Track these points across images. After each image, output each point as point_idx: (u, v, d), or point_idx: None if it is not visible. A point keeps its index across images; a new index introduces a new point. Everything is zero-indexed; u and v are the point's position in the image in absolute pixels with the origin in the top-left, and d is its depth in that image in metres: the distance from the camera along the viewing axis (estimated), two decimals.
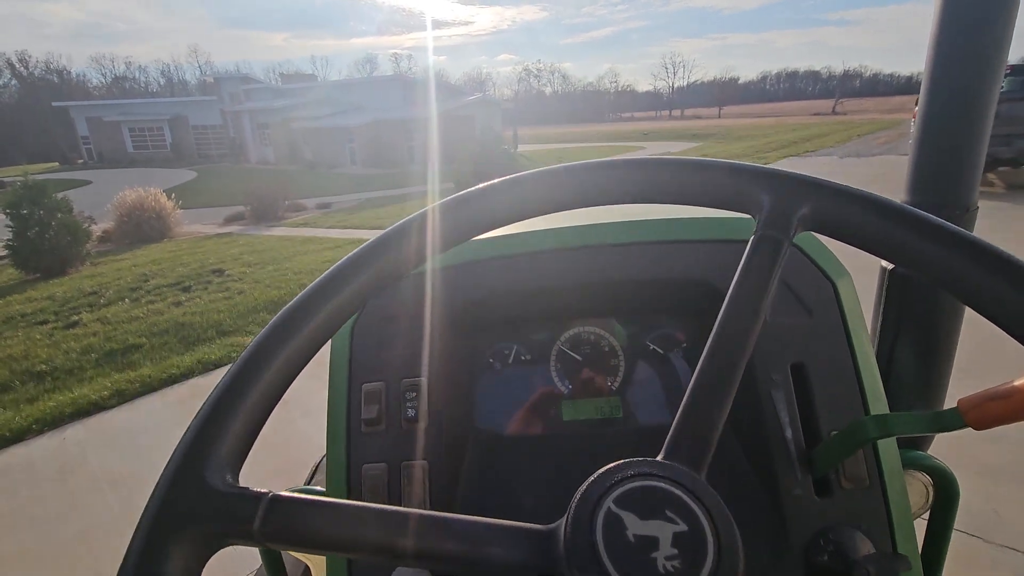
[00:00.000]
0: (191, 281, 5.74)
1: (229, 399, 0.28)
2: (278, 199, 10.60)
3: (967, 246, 0.25)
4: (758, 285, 0.27)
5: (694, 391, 0.25)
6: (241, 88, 32.05)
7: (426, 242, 0.33)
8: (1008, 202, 7.03)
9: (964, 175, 0.65)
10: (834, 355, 0.49)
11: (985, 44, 0.58)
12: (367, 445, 0.50)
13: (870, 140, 19.33)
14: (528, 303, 0.56)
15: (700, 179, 0.31)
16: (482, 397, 0.57)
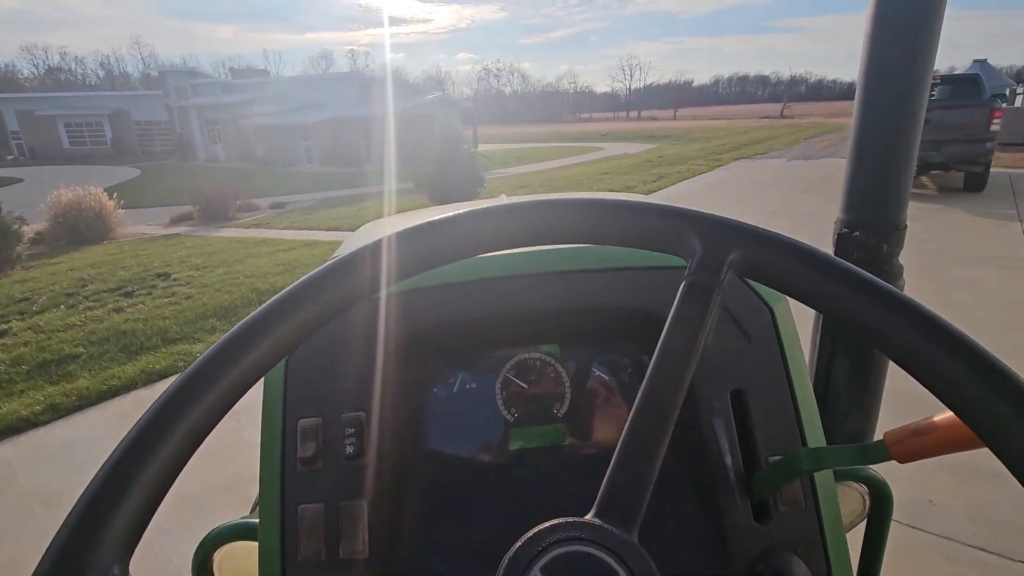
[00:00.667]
0: (134, 285, 5.44)
1: (126, 468, 0.25)
2: (229, 198, 10.20)
3: (889, 300, 0.25)
4: (689, 335, 0.27)
5: (625, 445, 0.25)
6: (188, 83, 30.67)
7: (353, 286, 0.30)
8: (940, 203, 7.50)
9: (894, 196, 0.70)
10: (772, 381, 0.50)
11: (909, 82, 0.62)
12: (303, 485, 0.47)
13: (815, 143, 20.27)
14: (473, 331, 0.55)
15: (634, 221, 0.31)
16: (427, 429, 0.55)
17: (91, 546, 0.23)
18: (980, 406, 0.22)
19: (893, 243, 0.70)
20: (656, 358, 0.26)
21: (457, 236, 0.31)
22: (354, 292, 0.30)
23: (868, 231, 0.70)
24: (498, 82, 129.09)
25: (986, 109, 7.50)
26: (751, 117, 58.41)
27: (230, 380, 0.28)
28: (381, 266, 0.31)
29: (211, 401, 0.28)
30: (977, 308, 3.86)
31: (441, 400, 0.56)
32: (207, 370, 0.28)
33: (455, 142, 9.25)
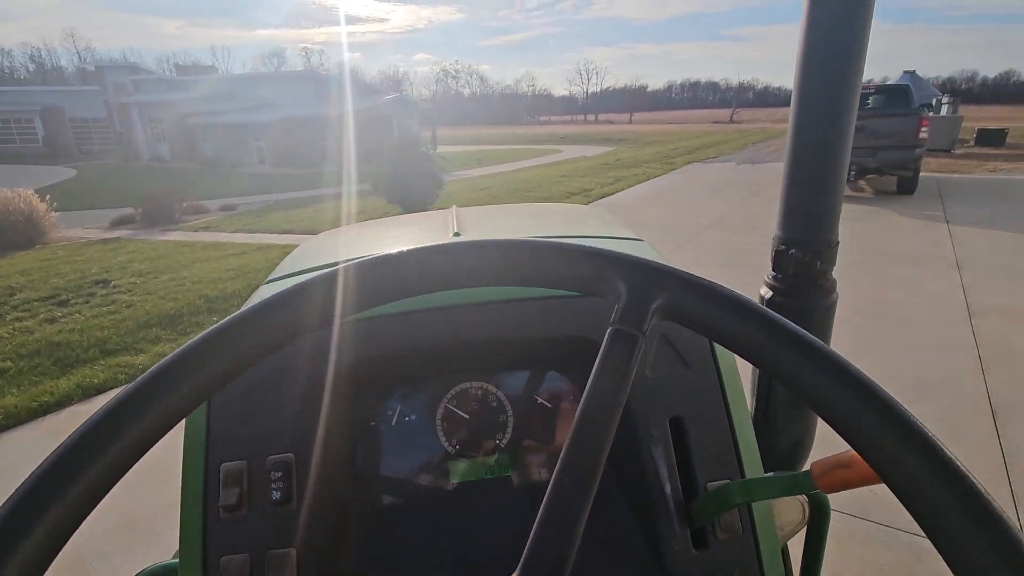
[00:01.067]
0: (69, 294, 5.12)
1: (29, 506, 0.23)
2: (175, 200, 9.74)
3: (808, 351, 0.26)
4: (614, 384, 0.26)
5: (551, 502, 0.24)
6: (129, 78, 29.11)
7: (278, 329, 0.29)
8: (876, 206, 7.96)
9: (826, 215, 0.74)
10: (710, 408, 0.51)
11: (838, 108, 0.66)
12: (226, 534, 0.44)
13: (762, 148, 21.12)
14: (410, 363, 0.53)
15: (561, 264, 0.31)
16: (363, 466, 0.53)
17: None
18: (879, 452, 0.23)
19: (826, 259, 0.74)
20: (581, 409, 0.26)
21: (378, 280, 0.30)
22: (281, 334, 0.29)
23: (802, 248, 0.73)
24: (457, 84, 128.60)
25: (915, 118, 8.02)
26: (703, 122, 60.36)
27: (150, 419, 0.26)
28: (305, 308, 0.29)
29: (130, 440, 0.26)
30: (908, 305, 4.11)
31: (379, 435, 0.54)
32: (126, 407, 0.26)
33: (413, 143, 9.15)
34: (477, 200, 10.29)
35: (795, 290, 0.76)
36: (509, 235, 0.76)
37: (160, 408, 0.26)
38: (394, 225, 0.95)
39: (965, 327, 3.67)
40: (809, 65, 0.68)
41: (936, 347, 3.39)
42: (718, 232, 6.80)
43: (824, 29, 0.66)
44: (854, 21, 0.64)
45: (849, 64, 0.65)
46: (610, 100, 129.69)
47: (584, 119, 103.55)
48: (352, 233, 0.96)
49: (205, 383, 0.27)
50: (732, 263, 5.35)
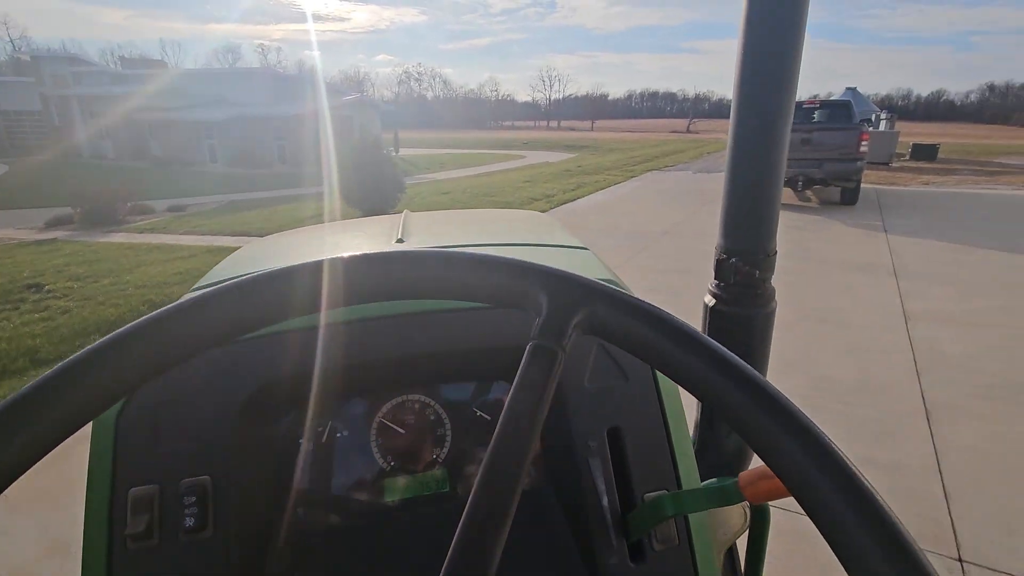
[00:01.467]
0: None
1: None
2: (118, 200, 9.25)
3: (727, 368, 0.26)
4: (533, 401, 0.26)
5: (467, 527, 0.23)
6: (68, 70, 27.54)
7: (191, 334, 0.27)
8: (821, 215, 8.35)
9: (764, 226, 0.76)
10: (648, 419, 0.51)
11: (773, 125, 0.69)
12: (134, 566, 0.41)
13: (717, 157, 21.87)
14: (341, 376, 0.51)
15: (482, 276, 0.30)
16: (289, 487, 0.51)
17: None
18: (783, 461, 0.23)
19: (764, 268, 0.76)
20: (499, 425, 0.25)
21: (301, 289, 0.29)
22: (191, 342, 0.27)
23: (743, 258, 0.76)
24: (419, 86, 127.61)
25: (856, 132, 8.48)
26: (661, 131, 62.04)
27: (50, 422, 0.23)
28: (220, 315, 0.27)
29: (20, 445, 0.23)
30: (851, 311, 4.32)
31: (308, 453, 0.51)
32: (21, 407, 0.23)
33: (375, 146, 9.00)
34: (439, 204, 10.22)
35: (736, 298, 0.78)
36: (453, 243, 0.75)
37: (64, 407, 0.23)
38: (340, 230, 0.93)
39: (902, 332, 3.89)
40: (745, 83, 0.70)
41: (877, 351, 3.58)
42: (673, 239, 6.98)
43: (758, 48, 0.68)
44: (787, 39, 0.66)
45: (782, 81, 0.68)
46: (572, 107, 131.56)
47: (547, 125, 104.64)
48: (294, 237, 0.93)
49: (113, 384, 0.25)
50: (685, 269, 5.49)
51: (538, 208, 9.41)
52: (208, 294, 0.27)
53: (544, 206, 9.70)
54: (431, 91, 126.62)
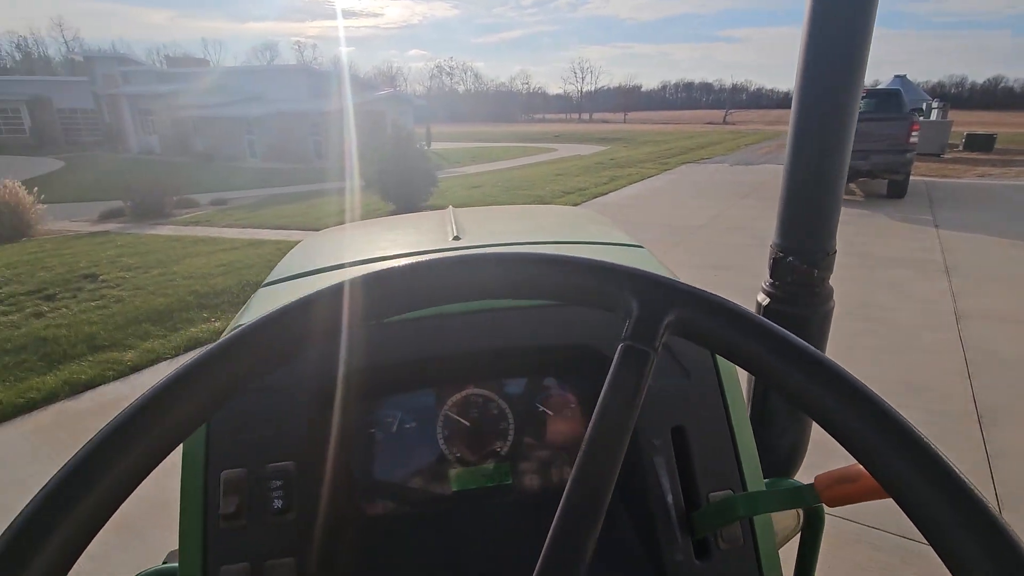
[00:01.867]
0: (56, 288, 5.05)
1: (46, 515, 0.22)
2: (165, 194, 9.64)
3: (819, 370, 0.26)
4: (625, 401, 0.26)
5: (562, 519, 0.24)
6: (118, 69, 28.72)
7: (287, 341, 0.28)
8: (867, 208, 8.04)
9: (824, 224, 0.74)
10: (711, 418, 0.51)
11: (837, 117, 0.67)
12: (226, 543, 0.44)
13: (755, 149, 21.25)
14: (411, 370, 0.53)
15: (572, 278, 0.31)
16: (363, 473, 0.53)
17: None
18: (889, 469, 0.24)
19: (823, 267, 0.74)
20: (592, 426, 0.26)
21: (392, 291, 0.30)
22: (290, 346, 0.28)
23: (800, 256, 0.74)
24: (451, 80, 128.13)
25: (906, 122, 8.10)
26: (696, 122, 60.60)
27: (163, 429, 0.26)
28: (315, 320, 0.29)
29: (145, 448, 0.25)
30: (898, 308, 4.16)
31: (378, 443, 0.54)
32: (141, 416, 0.25)
33: (408, 140, 9.10)
34: (470, 197, 10.27)
35: (792, 297, 0.76)
36: (509, 240, 0.76)
37: (166, 423, 0.25)
38: (391, 226, 0.94)
39: (952, 331, 3.72)
40: (809, 77, 0.68)
41: (923, 351, 3.44)
42: (709, 233, 6.83)
43: (824, 36, 0.67)
44: (855, 34, 0.64)
45: (849, 76, 0.66)
46: (604, 99, 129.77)
47: (579, 118, 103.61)
48: (349, 234, 0.95)
49: (215, 394, 0.27)
50: (722, 265, 5.38)
51: (570, 202, 9.36)
52: (325, 291, 0.29)
53: (576, 199, 9.64)
54: (462, 85, 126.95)
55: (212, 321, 4.15)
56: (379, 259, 0.70)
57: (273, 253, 6.13)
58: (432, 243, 0.74)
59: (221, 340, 0.28)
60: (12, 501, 2.26)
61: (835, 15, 0.65)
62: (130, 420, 0.25)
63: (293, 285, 0.66)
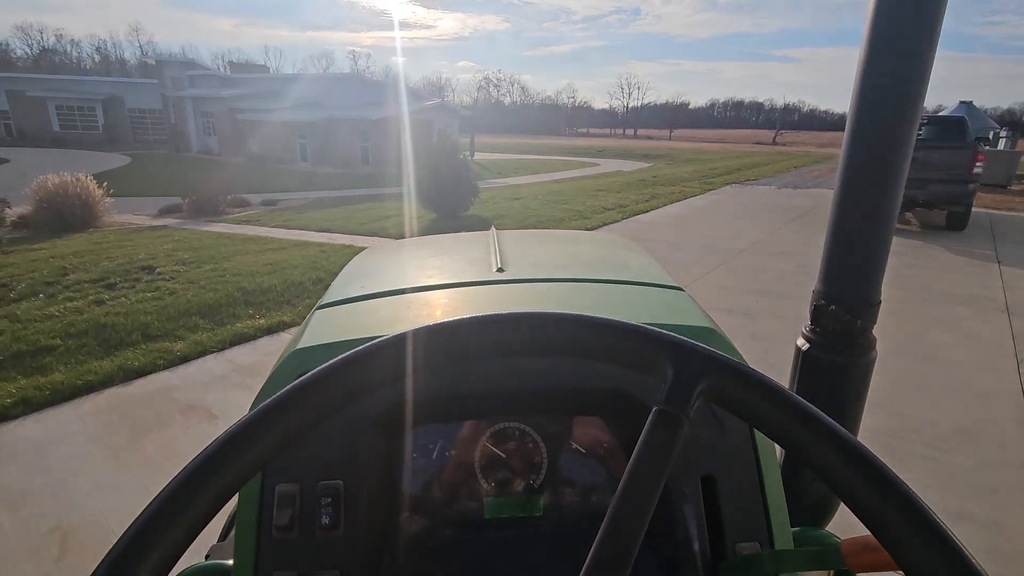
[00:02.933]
0: (117, 277, 5.36)
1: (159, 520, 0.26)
2: (220, 193, 10.11)
3: (850, 453, 0.27)
4: (656, 462, 0.27)
5: (591, 572, 0.25)
6: (185, 73, 30.43)
7: (353, 384, 0.31)
8: (922, 240, 7.67)
9: (871, 273, 0.72)
10: (742, 469, 0.51)
11: (889, 165, 0.65)
12: (278, 553, 0.47)
13: (805, 172, 20.63)
14: (454, 404, 0.55)
15: (610, 340, 0.32)
16: (403, 496, 0.56)
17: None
18: (915, 564, 0.24)
19: (867, 318, 0.72)
20: (623, 484, 0.27)
21: (446, 344, 0.32)
22: (352, 393, 0.31)
23: (844, 306, 0.72)
24: (498, 92, 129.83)
25: (970, 152, 7.71)
26: (744, 142, 59.30)
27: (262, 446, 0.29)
28: (374, 369, 0.31)
29: (246, 461, 0.28)
30: (953, 347, 3.95)
31: (420, 468, 0.56)
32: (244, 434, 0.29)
33: (452, 149, 9.26)
34: (510, 209, 10.35)
35: (833, 345, 0.74)
36: (551, 275, 0.78)
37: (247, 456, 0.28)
38: (437, 250, 0.98)
39: (1012, 374, 3.50)
40: (863, 111, 0.67)
41: (979, 394, 3.25)
42: (751, 257, 6.67)
43: (882, 75, 0.65)
44: (914, 66, 0.63)
45: (906, 111, 0.64)
46: (650, 115, 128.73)
47: (623, 133, 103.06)
48: (397, 255, 0.99)
49: (292, 430, 0.29)
50: (763, 290, 5.23)
51: (610, 219, 9.30)
52: (384, 343, 0.32)
53: (616, 216, 9.58)
54: (509, 97, 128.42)
55: (257, 318, 4.32)
56: (429, 287, 0.73)
57: (316, 255, 6.33)
58: (477, 273, 0.77)
59: (297, 383, 0.30)
60: (67, 477, 2.41)
61: (895, 41, 0.63)
62: (219, 451, 0.28)
63: (350, 308, 0.70)
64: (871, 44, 0.66)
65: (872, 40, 0.66)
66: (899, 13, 0.61)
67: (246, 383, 3.28)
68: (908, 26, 0.62)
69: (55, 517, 2.16)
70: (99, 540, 2.04)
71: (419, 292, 0.72)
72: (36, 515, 2.17)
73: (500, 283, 0.73)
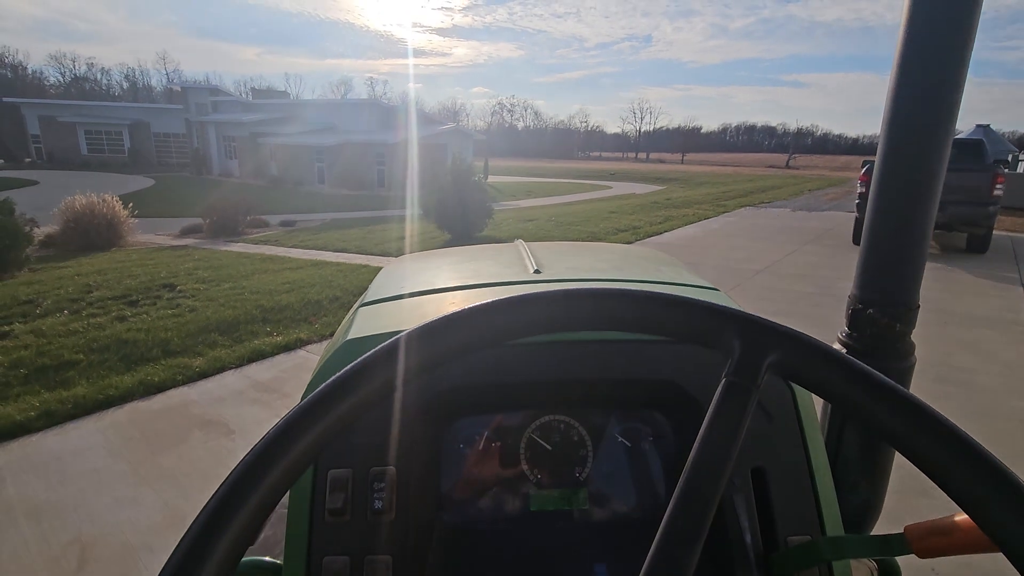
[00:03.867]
0: (139, 295, 5.47)
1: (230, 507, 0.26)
2: (240, 213, 10.32)
3: (920, 416, 0.26)
4: (727, 433, 0.27)
5: (663, 542, 0.25)
6: (209, 99, 31.42)
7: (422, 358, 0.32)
8: (943, 263, 7.56)
9: (909, 276, 0.71)
10: (791, 460, 0.51)
11: (927, 165, 0.65)
12: (330, 536, 0.48)
13: (819, 195, 20.53)
14: (501, 394, 0.56)
15: (677, 315, 0.32)
16: (450, 485, 0.56)
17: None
18: (996, 517, 0.24)
19: (906, 322, 0.71)
20: (694, 454, 0.27)
21: (502, 321, 0.33)
22: (426, 362, 0.32)
23: (882, 309, 0.71)
24: (511, 117, 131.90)
25: (990, 174, 7.64)
26: (757, 165, 59.32)
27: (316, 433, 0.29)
28: (438, 346, 0.32)
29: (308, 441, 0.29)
30: (978, 371, 3.85)
31: (465, 456, 0.57)
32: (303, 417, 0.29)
33: (466, 172, 9.39)
34: (523, 231, 10.41)
35: (871, 350, 0.73)
36: (588, 276, 0.79)
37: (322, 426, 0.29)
38: (468, 257, 0.99)
39: None
40: (897, 119, 0.67)
41: (1007, 418, 3.15)
42: (768, 279, 6.61)
43: (916, 83, 0.66)
44: (945, 79, 0.64)
45: (940, 116, 0.64)
46: (662, 139, 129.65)
47: (635, 156, 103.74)
48: (430, 261, 1.00)
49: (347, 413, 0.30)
50: (783, 312, 5.17)
51: (623, 240, 9.31)
52: (453, 317, 0.33)
53: (629, 238, 9.58)
54: (522, 121, 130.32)
55: (274, 335, 4.36)
56: (468, 286, 0.74)
57: (333, 274, 6.40)
58: (514, 275, 0.77)
59: (364, 358, 0.31)
60: (86, 486, 2.43)
61: (927, 59, 0.65)
62: (274, 441, 0.28)
63: (393, 305, 0.71)
64: (907, 40, 0.67)
65: (908, 36, 0.66)
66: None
67: (263, 399, 3.30)
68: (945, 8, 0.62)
69: (74, 529, 2.17)
70: (116, 553, 2.05)
71: (459, 290, 0.73)
72: (56, 526, 2.19)
73: (539, 282, 0.73)
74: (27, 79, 68.08)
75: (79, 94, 73.29)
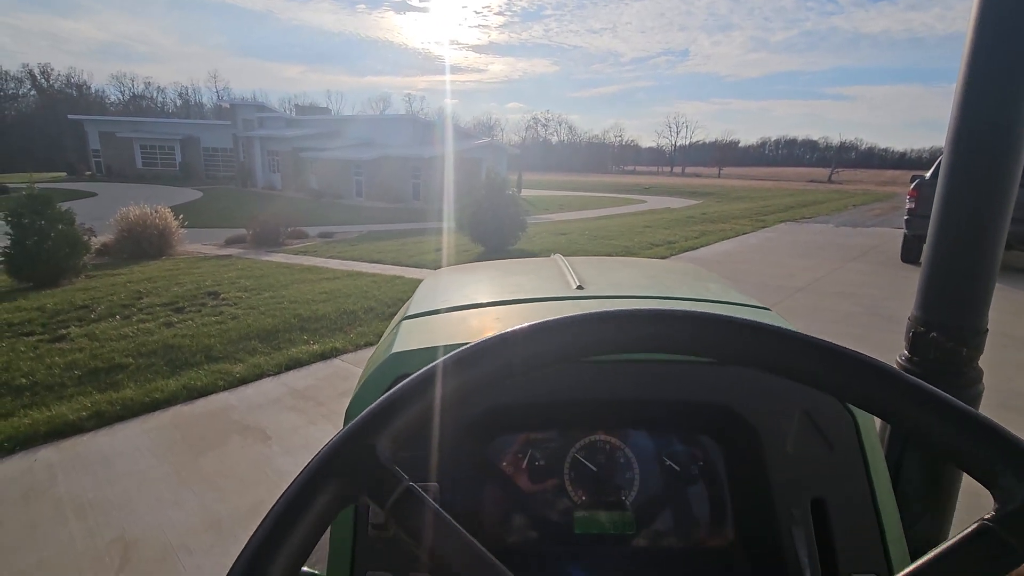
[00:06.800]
0: (185, 302, 5.69)
1: (417, 391, 0.30)
2: (281, 225, 10.67)
3: None
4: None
5: None
6: (255, 115, 32.81)
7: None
8: (1003, 283, 7.14)
9: (978, 298, 0.66)
10: (854, 492, 0.48)
11: (997, 175, 0.61)
12: (373, 550, 0.47)
13: (864, 211, 19.82)
14: (546, 412, 0.54)
15: (943, 425, 0.27)
16: (492, 504, 0.54)
17: (386, 427, 0.29)
18: None
19: (973, 347, 0.66)
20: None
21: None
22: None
23: (947, 332, 0.66)
24: (546, 131, 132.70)
25: None
26: (798, 180, 57.81)
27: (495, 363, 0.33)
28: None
29: (481, 372, 0.32)
30: None
31: (509, 475, 0.55)
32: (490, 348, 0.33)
33: (500, 186, 9.46)
34: (557, 244, 10.39)
35: (934, 376, 0.68)
36: (632, 292, 0.76)
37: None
38: (506, 271, 0.98)
39: None
40: (964, 128, 0.63)
41: None
42: (810, 297, 6.38)
43: (985, 84, 0.62)
44: (1018, 88, 0.60)
45: (1012, 135, 0.60)
46: (698, 153, 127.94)
47: (670, 171, 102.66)
48: (469, 275, 1.00)
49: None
50: (826, 332, 4.97)
51: (658, 255, 9.18)
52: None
53: (664, 252, 9.44)
54: (556, 136, 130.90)
55: (311, 344, 4.45)
56: (512, 301, 0.73)
57: (368, 285, 6.52)
58: (556, 290, 0.76)
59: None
60: (130, 487, 2.51)
61: (997, 69, 0.61)
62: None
63: (437, 319, 0.71)
64: (974, 48, 0.63)
65: (976, 45, 0.63)
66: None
67: (299, 407, 3.36)
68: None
69: (118, 527, 2.25)
70: (158, 553, 2.10)
71: (504, 305, 0.72)
72: (101, 524, 2.26)
73: (584, 299, 0.72)
74: (90, 97, 72.65)
75: (136, 111, 77.71)
